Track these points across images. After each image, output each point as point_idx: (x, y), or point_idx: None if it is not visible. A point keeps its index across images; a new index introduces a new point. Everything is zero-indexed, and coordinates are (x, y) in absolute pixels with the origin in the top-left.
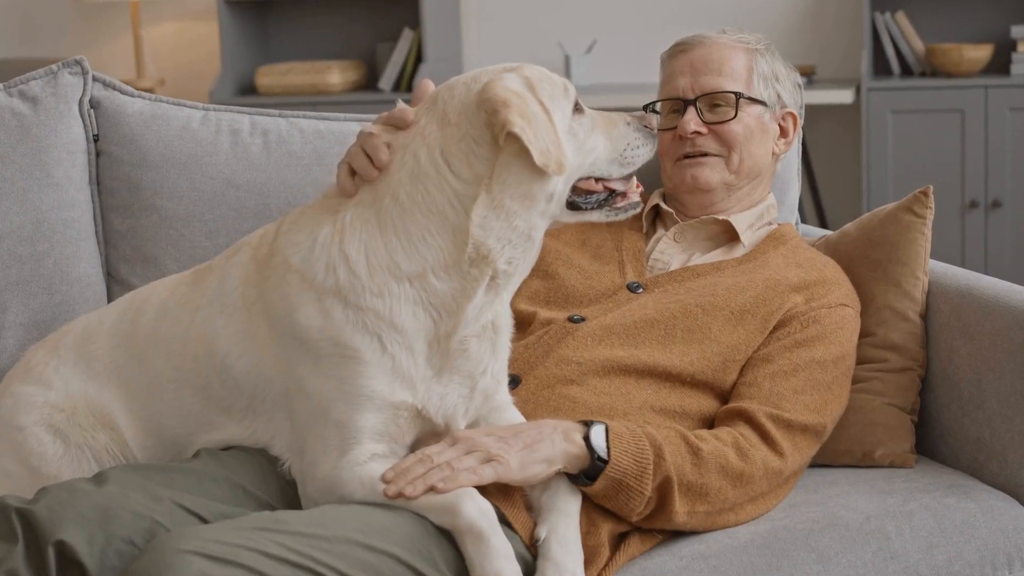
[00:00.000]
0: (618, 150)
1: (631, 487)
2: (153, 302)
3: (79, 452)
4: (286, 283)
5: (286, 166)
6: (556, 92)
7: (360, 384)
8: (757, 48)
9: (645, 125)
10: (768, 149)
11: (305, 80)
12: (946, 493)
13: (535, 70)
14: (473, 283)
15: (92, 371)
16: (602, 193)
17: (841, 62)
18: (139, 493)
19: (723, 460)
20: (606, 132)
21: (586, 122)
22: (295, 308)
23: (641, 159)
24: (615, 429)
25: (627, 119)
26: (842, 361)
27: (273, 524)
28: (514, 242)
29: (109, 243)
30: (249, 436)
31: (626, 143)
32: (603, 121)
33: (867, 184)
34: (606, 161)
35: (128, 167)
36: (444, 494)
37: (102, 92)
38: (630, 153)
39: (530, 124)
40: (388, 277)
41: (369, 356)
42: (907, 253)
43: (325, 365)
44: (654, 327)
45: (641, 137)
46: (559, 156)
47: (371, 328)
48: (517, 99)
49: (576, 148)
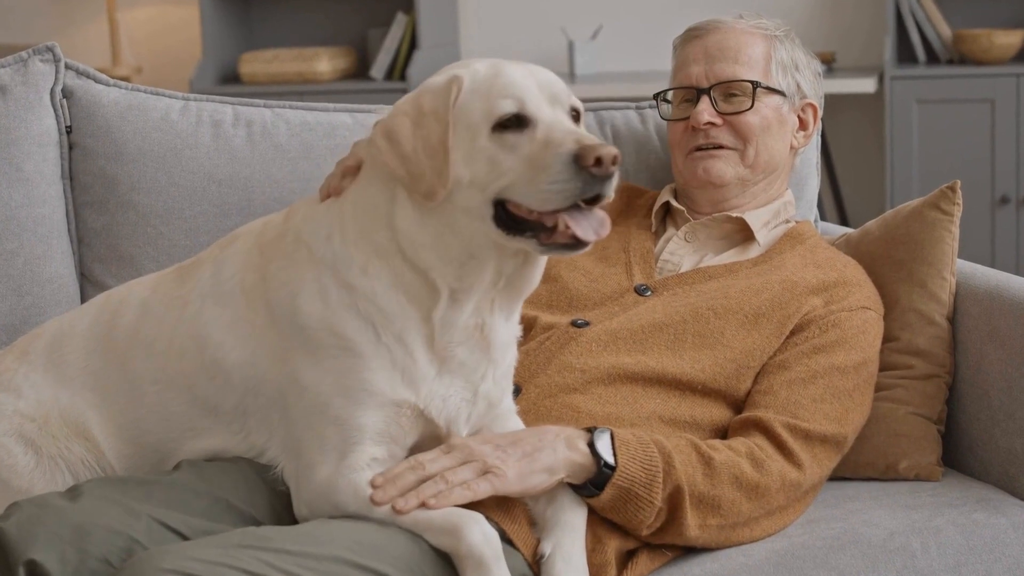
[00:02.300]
0: (535, 179)
1: (640, 496)
2: (132, 302)
3: (52, 464)
4: (294, 261)
5: (271, 160)
6: (480, 107)
7: (361, 378)
8: (776, 35)
9: (587, 166)
10: (786, 142)
11: (292, 68)
12: (975, 508)
13: (483, 77)
14: (433, 293)
15: (65, 377)
16: (532, 224)
17: (863, 49)
18: (115, 508)
19: (737, 471)
20: (533, 155)
21: (518, 140)
22: (298, 292)
23: (557, 197)
24: (621, 436)
25: (566, 147)
26: (864, 367)
27: (258, 541)
28: (454, 259)
29: (83, 241)
30: (240, 442)
31: (546, 174)
32: (541, 142)
33: (890, 179)
34: (521, 187)
35: (103, 161)
36: (447, 513)
37: (75, 81)
38: (545, 187)
39: (396, 145)
40: (370, 250)
41: (365, 348)
42: (933, 252)
43: (324, 357)
44: (663, 332)
45: (565, 172)
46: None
47: (363, 313)
48: (399, 118)
49: (489, 165)
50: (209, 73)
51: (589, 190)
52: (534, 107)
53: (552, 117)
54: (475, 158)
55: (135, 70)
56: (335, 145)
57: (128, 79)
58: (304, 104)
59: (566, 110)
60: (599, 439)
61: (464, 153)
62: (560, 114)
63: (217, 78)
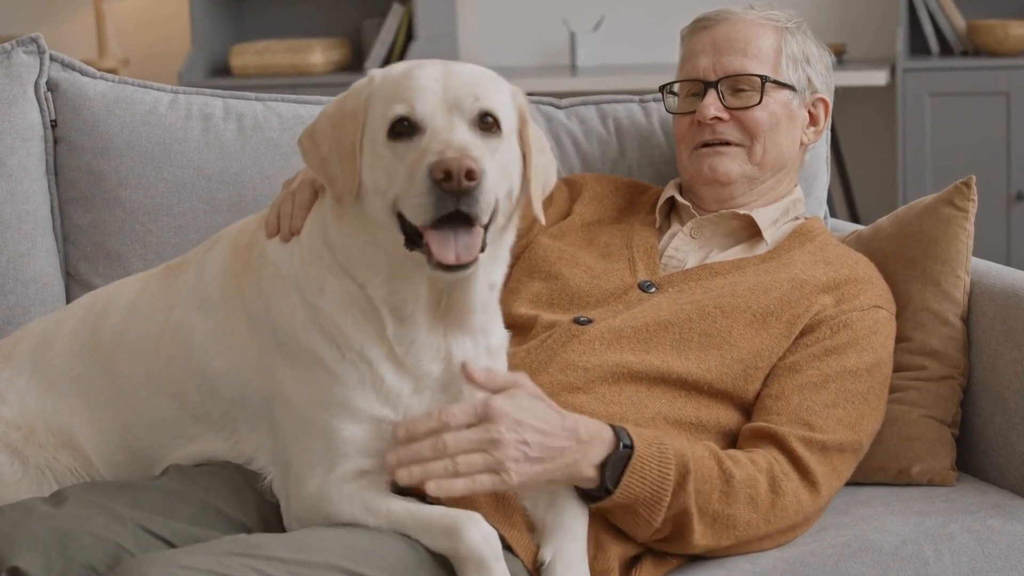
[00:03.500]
0: (410, 192)
1: (639, 514)
2: (119, 303)
3: (39, 474)
4: (262, 276)
5: (263, 154)
6: (380, 111)
7: (338, 394)
8: (787, 26)
9: (437, 180)
10: (795, 139)
11: (284, 60)
12: (990, 514)
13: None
14: (377, 305)
15: (50, 381)
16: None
17: (874, 40)
18: (101, 515)
19: (753, 491)
20: (410, 166)
21: (404, 149)
22: (270, 304)
23: (419, 212)
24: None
25: (430, 162)
26: (877, 370)
27: (249, 548)
28: (381, 271)
29: (68, 239)
30: (230, 448)
31: (413, 189)
32: (420, 152)
33: (903, 174)
34: (404, 200)
35: (89, 155)
36: (443, 514)
37: (60, 73)
38: (412, 200)
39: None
40: (324, 269)
41: (334, 366)
42: (947, 250)
43: (303, 371)
44: (668, 330)
45: (423, 186)
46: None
47: (326, 331)
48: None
49: (385, 173)
50: (199, 65)
51: (443, 207)
52: (425, 113)
53: (443, 124)
54: (375, 164)
55: (122, 62)
56: None
57: (115, 71)
58: (297, 97)
59: (467, 117)
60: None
61: (368, 158)
62: (457, 121)
63: (207, 70)
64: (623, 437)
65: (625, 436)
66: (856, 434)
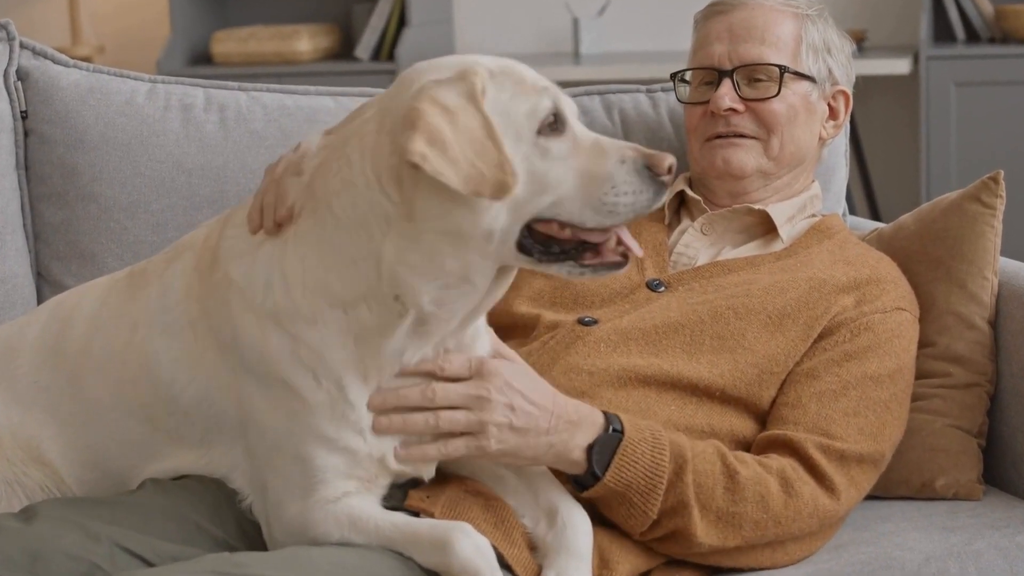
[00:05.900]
0: (595, 192)
1: (634, 502)
2: (83, 312)
3: (9, 490)
4: (228, 302)
5: (247, 147)
6: (517, 104)
7: (309, 423)
8: (808, 14)
9: (650, 166)
10: (814, 133)
11: (269, 47)
12: (1018, 530)
13: (500, 70)
14: (395, 319)
15: (16, 393)
16: (568, 243)
17: (896, 26)
18: (74, 532)
19: (763, 489)
20: (585, 165)
21: (561, 147)
22: (238, 331)
23: (625, 210)
24: (631, 440)
25: (626, 154)
26: (899, 376)
27: (232, 567)
28: (443, 282)
29: (39, 237)
30: (205, 466)
31: (609, 185)
32: (589, 150)
33: (926, 169)
34: (575, 202)
35: (62, 149)
36: (432, 527)
37: (31, 61)
38: (611, 199)
39: (443, 150)
40: (322, 302)
41: (307, 394)
42: (973, 249)
43: (274, 397)
44: (678, 332)
45: (635, 182)
46: (500, 179)
47: (305, 361)
48: (436, 119)
49: (530, 177)
50: (178, 53)
51: (658, 199)
52: (566, 108)
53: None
54: (520, 167)
55: (97, 49)
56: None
57: (90, 59)
58: (282, 87)
59: None
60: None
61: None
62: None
63: (187, 58)
64: (614, 422)
65: (616, 421)
66: (878, 444)
